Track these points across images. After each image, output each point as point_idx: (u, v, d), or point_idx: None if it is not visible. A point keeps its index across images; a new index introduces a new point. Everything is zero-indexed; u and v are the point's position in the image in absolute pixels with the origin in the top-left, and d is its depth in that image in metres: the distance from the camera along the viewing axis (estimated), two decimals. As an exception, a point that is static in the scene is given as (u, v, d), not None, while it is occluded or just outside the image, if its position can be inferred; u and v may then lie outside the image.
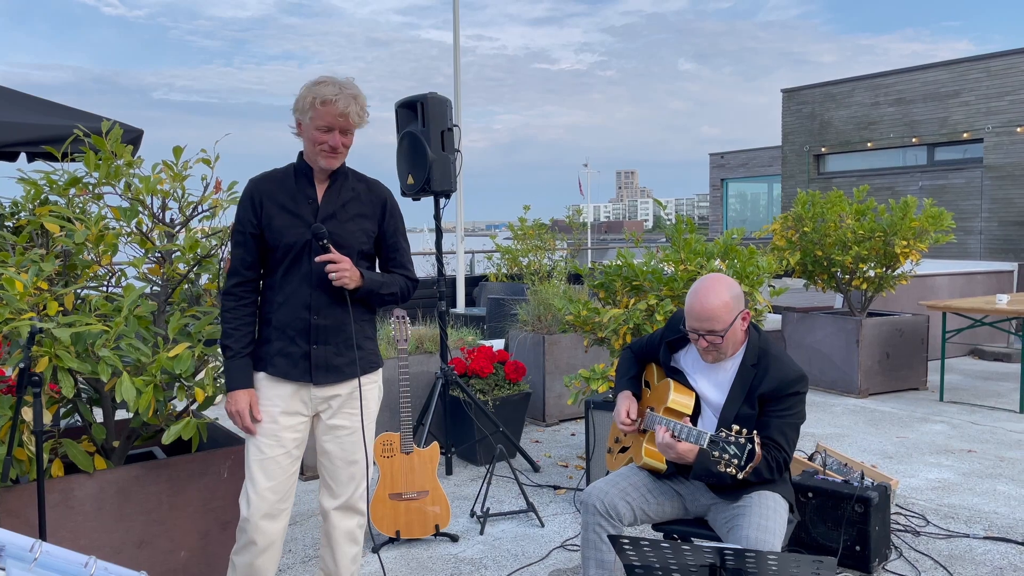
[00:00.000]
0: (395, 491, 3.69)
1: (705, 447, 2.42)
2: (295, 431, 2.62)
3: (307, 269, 2.55)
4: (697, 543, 2.16)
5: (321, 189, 2.59)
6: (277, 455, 2.58)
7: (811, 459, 3.91)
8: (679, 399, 2.68)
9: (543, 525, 3.98)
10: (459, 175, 5.02)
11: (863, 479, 3.51)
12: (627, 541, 2.05)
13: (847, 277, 7.07)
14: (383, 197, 2.69)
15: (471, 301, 10.23)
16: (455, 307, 9.26)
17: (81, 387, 3.06)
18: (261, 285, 2.64)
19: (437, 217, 4.87)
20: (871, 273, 6.96)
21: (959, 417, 6.11)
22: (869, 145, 15.66)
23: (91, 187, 3.09)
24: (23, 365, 2.39)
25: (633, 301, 4.36)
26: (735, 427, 2.38)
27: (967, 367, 8.19)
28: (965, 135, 14.05)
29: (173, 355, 2.80)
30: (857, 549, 3.36)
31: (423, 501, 3.72)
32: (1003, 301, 6.72)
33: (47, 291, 2.78)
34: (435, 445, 3.78)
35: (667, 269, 4.34)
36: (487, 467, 4.89)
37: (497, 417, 4.88)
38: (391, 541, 3.77)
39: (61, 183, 3.08)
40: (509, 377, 5.12)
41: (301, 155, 2.61)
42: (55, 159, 3.29)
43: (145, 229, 3.14)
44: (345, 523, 2.72)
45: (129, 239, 3.12)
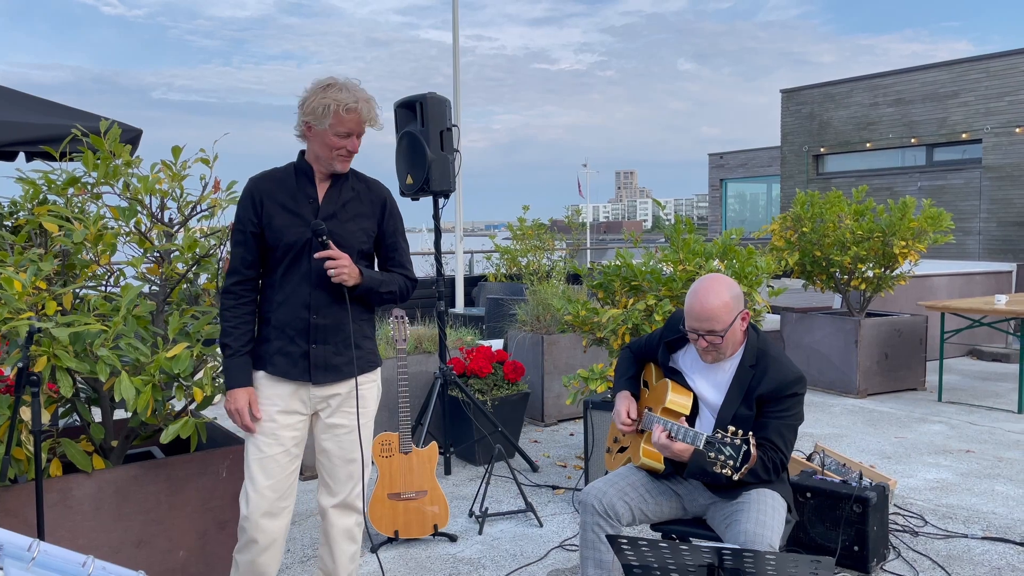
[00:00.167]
0: (394, 491, 3.69)
1: (701, 448, 2.42)
2: (294, 430, 2.62)
3: (307, 268, 2.55)
4: (695, 543, 2.16)
5: (322, 189, 2.60)
6: (276, 454, 2.58)
7: (809, 459, 3.92)
8: (677, 399, 2.68)
9: (542, 525, 3.98)
10: (458, 175, 5.02)
11: (861, 479, 3.51)
12: (625, 541, 2.05)
13: (846, 277, 7.07)
14: (383, 197, 2.70)
15: (470, 301, 10.24)
16: (454, 307, 9.26)
17: (80, 387, 3.06)
18: (260, 284, 2.65)
19: (436, 217, 4.87)
20: (870, 273, 6.96)
21: (957, 417, 6.11)
22: (868, 145, 15.67)
23: (90, 187, 3.09)
24: (21, 364, 2.39)
25: (632, 301, 4.36)
26: (731, 428, 2.39)
27: (965, 367, 8.19)
28: (964, 135, 14.06)
29: (172, 355, 2.80)
30: (855, 549, 3.36)
31: (422, 501, 3.73)
32: (1001, 302, 6.73)
33: (46, 291, 2.78)
34: (434, 445, 3.78)
35: (666, 269, 4.34)
36: (486, 467, 4.89)
37: (496, 417, 4.88)
38: (390, 541, 3.77)
39: (60, 183, 3.08)
40: (508, 377, 5.12)
41: (302, 154, 2.61)
42: (54, 159, 3.29)
43: (144, 229, 3.14)
44: (343, 521, 2.73)
45: (128, 239, 3.12)
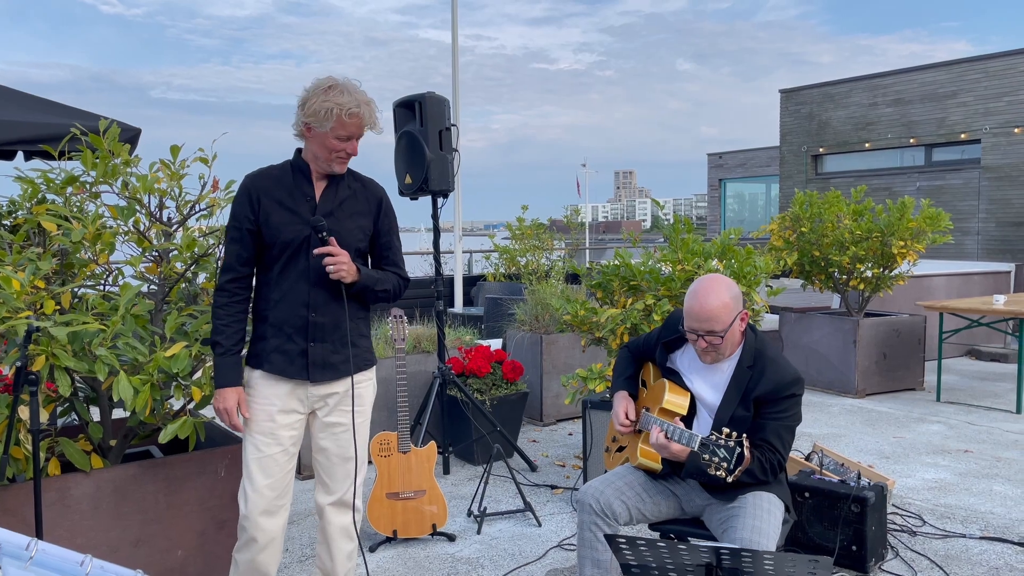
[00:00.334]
0: (392, 490, 3.69)
1: (696, 450, 2.43)
2: (292, 429, 2.63)
3: (305, 266, 2.55)
4: (693, 543, 2.16)
5: (319, 187, 2.60)
6: (274, 453, 2.59)
7: (808, 459, 3.92)
8: (674, 399, 2.69)
9: (540, 525, 3.98)
10: (457, 175, 5.02)
11: (860, 479, 3.51)
12: (624, 540, 2.05)
13: (844, 277, 7.07)
14: (379, 196, 2.71)
15: (469, 301, 10.24)
16: (453, 307, 9.26)
17: (78, 386, 3.06)
18: (255, 282, 2.64)
19: (435, 216, 4.87)
20: (868, 273, 6.96)
21: (956, 417, 6.12)
22: (867, 145, 15.67)
23: (88, 186, 3.08)
24: (20, 364, 2.39)
25: (631, 301, 4.36)
26: (725, 430, 2.39)
27: (964, 367, 8.20)
28: (963, 136, 14.06)
29: (170, 354, 2.80)
30: (853, 549, 3.37)
31: (420, 500, 3.73)
32: (1000, 302, 6.73)
33: (44, 290, 2.77)
34: (432, 444, 3.78)
35: (665, 269, 4.34)
36: (484, 467, 4.89)
37: (494, 417, 4.88)
38: (388, 540, 3.77)
39: (58, 182, 3.08)
40: (507, 377, 5.12)
41: (299, 152, 2.61)
42: (52, 158, 3.28)
43: (142, 228, 3.13)
44: (340, 519, 2.73)
45: (126, 238, 3.12)
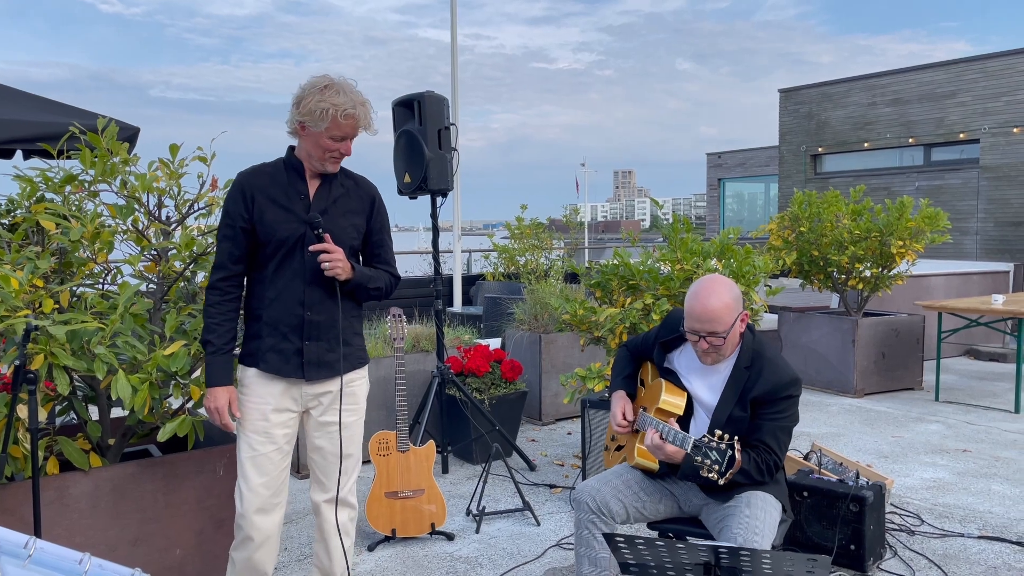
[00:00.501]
0: (391, 489, 3.69)
1: (688, 452, 2.43)
2: (286, 427, 2.63)
3: (299, 264, 2.55)
4: (692, 542, 2.16)
5: (313, 185, 2.59)
6: (269, 451, 2.59)
7: (807, 458, 3.92)
8: (670, 399, 2.69)
9: (539, 524, 3.98)
10: (456, 174, 5.02)
11: (858, 478, 3.52)
12: (622, 539, 2.06)
13: (843, 277, 7.08)
14: (372, 194, 2.71)
15: (468, 300, 10.24)
16: (452, 306, 9.26)
17: (76, 384, 3.06)
18: (247, 280, 2.64)
19: (434, 216, 4.87)
20: (867, 273, 6.97)
21: (954, 417, 6.12)
22: (866, 145, 15.68)
23: (87, 184, 3.08)
24: (18, 362, 2.39)
25: (629, 300, 4.36)
26: (718, 432, 2.40)
27: (963, 367, 8.21)
28: (961, 135, 14.07)
29: (169, 353, 2.80)
30: (852, 548, 3.37)
31: (419, 499, 3.73)
32: (999, 301, 6.74)
33: (43, 288, 2.77)
34: (431, 443, 3.78)
35: (664, 268, 4.34)
36: (483, 466, 4.89)
37: (493, 416, 4.88)
38: (387, 539, 3.77)
39: (57, 180, 3.07)
40: (505, 376, 5.12)
41: (291, 150, 2.61)
42: (51, 156, 3.28)
43: (141, 227, 3.13)
44: (337, 517, 2.73)
45: (125, 237, 3.12)
